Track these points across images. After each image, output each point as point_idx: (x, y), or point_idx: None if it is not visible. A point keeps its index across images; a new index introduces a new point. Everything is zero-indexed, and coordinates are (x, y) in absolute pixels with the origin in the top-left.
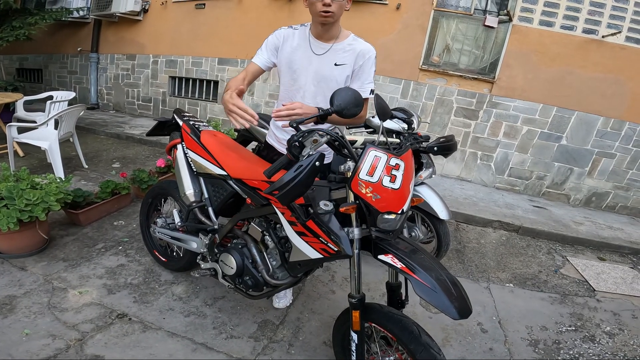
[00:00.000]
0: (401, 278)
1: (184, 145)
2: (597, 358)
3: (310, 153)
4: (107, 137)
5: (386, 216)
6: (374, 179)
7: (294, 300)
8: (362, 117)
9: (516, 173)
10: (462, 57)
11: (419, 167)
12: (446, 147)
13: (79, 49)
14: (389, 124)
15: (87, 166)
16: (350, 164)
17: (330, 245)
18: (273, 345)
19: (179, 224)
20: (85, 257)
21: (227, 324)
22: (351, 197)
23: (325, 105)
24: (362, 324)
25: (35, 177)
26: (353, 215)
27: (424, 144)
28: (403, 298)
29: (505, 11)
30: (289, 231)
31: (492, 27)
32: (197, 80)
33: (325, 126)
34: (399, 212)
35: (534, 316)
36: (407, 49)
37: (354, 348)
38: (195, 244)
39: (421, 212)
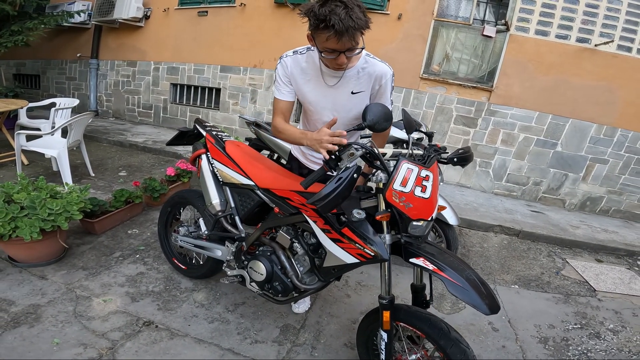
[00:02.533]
0: (425, 279)
1: (209, 155)
2: (604, 354)
3: (348, 166)
4: (110, 144)
5: (415, 223)
6: (407, 189)
7: (312, 304)
8: (387, 135)
9: (514, 179)
10: (461, 66)
11: None
12: (464, 157)
13: (78, 55)
14: (398, 132)
15: (93, 174)
16: (382, 175)
17: (367, 251)
18: (297, 349)
19: (205, 232)
20: (104, 266)
21: (251, 329)
22: (382, 206)
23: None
24: (392, 323)
25: (54, 186)
26: (384, 223)
27: (444, 156)
28: (428, 298)
29: (502, 21)
30: (323, 238)
31: (490, 37)
32: (199, 88)
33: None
34: (429, 219)
35: (541, 315)
36: (408, 58)
37: (383, 347)
38: (220, 252)
39: None
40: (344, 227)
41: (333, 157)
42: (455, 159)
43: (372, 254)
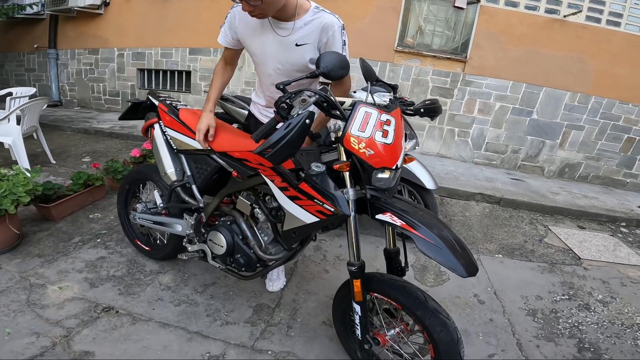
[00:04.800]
0: (400, 245)
1: (161, 124)
2: (596, 327)
3: (300, 112)
4: (74, 132)
5: (380, 175)
6: (366, 134)
7: (288, 282)
8: (348, 87)
9: (492, 148)
10: (434, 38)
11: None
12: (432, 109)
13: (35, 46)
14: (363, 95)
15: (54, 162)
16: (340, 123)
17: (327, 206)
18: (271, 329)
19: (161, 205)
20: (62, 252)
21: (221, 310)
22: (343, 156)
23: None
24: (364, 294)
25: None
26: (347, 175)
27: (411, 108)
28: (403, 265)
29: None
30: (281, 198)
31: (461, 8)
32: (168, 72)
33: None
34: (393, 167)
35: (527, 286)
36: (382, 31)
37: (357, 321)
38: (180, 226)
39: (408, 183)
40: (301, 183)
41: (284, 106)
42: (422, 110)
43: (332, 209)
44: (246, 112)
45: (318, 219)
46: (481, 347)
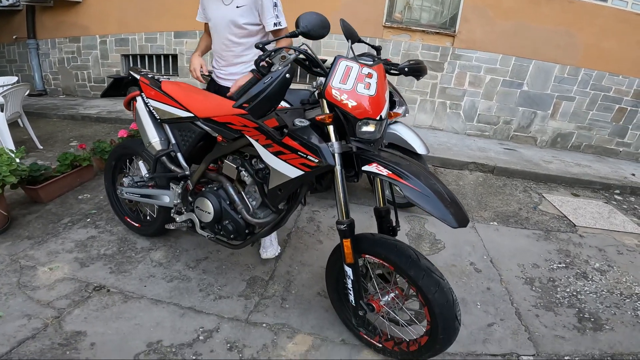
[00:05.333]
0: (390, 204)
1: (143, 96)
2: (595, 296)
3: (280, 68)
4: (61, 119)
5: (365, 128)
6: (348, 86)
7: (282, 253)
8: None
9: (484, 119)
10: (423, 13)
11: (391, 105)
12: (417, 68)
13: (14, 37)
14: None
15: (42, 147)
16: (321, 79)
17: (310, 158)
18: (265, 302)
19: (147, 176)
20: (52, 233)
21: (214, 285)
22: (326, 109)
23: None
24: (355, 255)
25: None
26: (331, 129)
27: (396, 68)
28: (394, 224)
29: None
30: (265, 155)
31: None
32: (154, 56)
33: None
34: (377, 118)
35: (523, 254)
36: (369, 7)
37: (350, 285)
38: (167, 197)
39: (398, 149)
40: (285, 137)
41: (265, 64)
42: (406, 69)
43: (316, 160)
44: None
45: (302, 172)
46: (479, 316)
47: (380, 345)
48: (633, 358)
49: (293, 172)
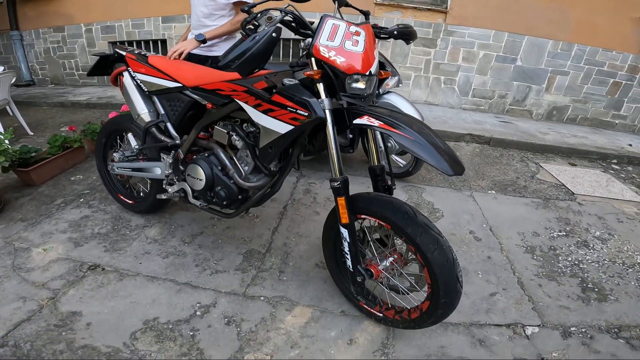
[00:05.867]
0: (385, 163)
1: (130, 70)
2: (597, 265)
3: (266, 28)
4: (50, 107)
5: (355, 85)
6: (335, 43)
7: (278, 225)
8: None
9: (479, 93)
10: None
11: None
12: (406, 32)
13: None
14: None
15: (32, 133)
16: (309, 40)
17: (300, 112)
18: (263, 275)
19: (136, 147)
20: (45, 214)
21: (210, 259)
22: (314, 66)
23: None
24: (351, 216)
25: None
26: (320, 87)
27: (384, 31)
28: (389, 183)
29: None
30: (255, 114)
31: None
32: (142, 42)
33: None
34: (367, 73)
35: (522, 222)
36: None
37: (347, 249)
38: (159, 169)
39: None
40: (274, 95)
41: (252, 27)
42: (395, 32)
43: (305, 113)
44: None
45: (292, 127)
46: (481, 285)
47: (381, 315)
48: None
49: (283, 128)
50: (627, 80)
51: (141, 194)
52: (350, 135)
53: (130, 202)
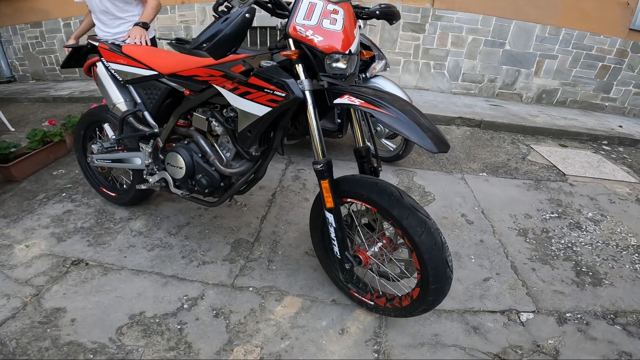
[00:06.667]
0: (370, 144)
1: (103, 60)
2: (590, 248)
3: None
4: (32, 102)
5: (335, 64)
6: (312, 22)
7: (267, 213)
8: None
9: (469, 78)
10: None
11: (371, 60)
12: (388, 12)
13: None
14: None
15: (13, 129)
16: (286, 21)
17: (277, 93)
18: (251, 264)
19: (114, 137)
20: (27, 210)
21: (197, 250)
22: (292, 47)
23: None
24: (336, 199)
25: None
26: (299, 68)
27: (366, 10)
28: (375, 165)
29: None
30: (232, 98)
31: None
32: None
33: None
34: (347, 52)
35: (514, 204)
36: None
37: (333, 235)
38: (138, 159)
39: None
40: (250, 78)
41: (225, 9)
42: (377, 12)
43: (283, 94)
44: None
45: (270, 108)
46: (474, 270)
47: (372, 303)
48: (637, 316)
49: (260, 110)
50: (615, 64)
51: (124, 186)
52: (339, 120)
53: (114, 194)
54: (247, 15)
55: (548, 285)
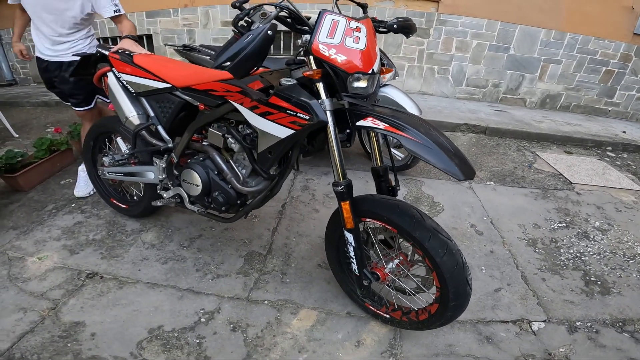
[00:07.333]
0: (388, 162)
1: (114, 71)
2: (598, 257)
3: (260, 26)
4: (34, 106)
5: (357, 84)
6: (336, 40)
7: (277, 225)
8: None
9: (473, 83)
10: None
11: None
12: (406, 25)
13: None
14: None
15: (17, 135)
16: (307, 37)
17: (300, 115)
18: (265, 277)
19: (127, 152)
20: (37, 221)
21: (210, 263)
22: (313, 65)
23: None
24: (356, 219)
25: None
26: (320, 87)
27: (384, 25)
28: (393, 184)
29: None
30: (252, 117)
31: None
32: None
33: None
34: (369, 72)
35: (522, 214)
36: None
37: (352, 253)
38: (152, 173)
39: None
40: (271, 97)
41: (244, 24)
42: (395, 26)
43: (307, 117)
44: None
45: (293, 131)
46: (486, 281)
47: (388, 316)
48: None
49: (283, 132)
50: (619, 68)
51: (135, 198)
52: (347, 130)
53: (124, 206)
54: (269, 32)
55: (558, 295)
